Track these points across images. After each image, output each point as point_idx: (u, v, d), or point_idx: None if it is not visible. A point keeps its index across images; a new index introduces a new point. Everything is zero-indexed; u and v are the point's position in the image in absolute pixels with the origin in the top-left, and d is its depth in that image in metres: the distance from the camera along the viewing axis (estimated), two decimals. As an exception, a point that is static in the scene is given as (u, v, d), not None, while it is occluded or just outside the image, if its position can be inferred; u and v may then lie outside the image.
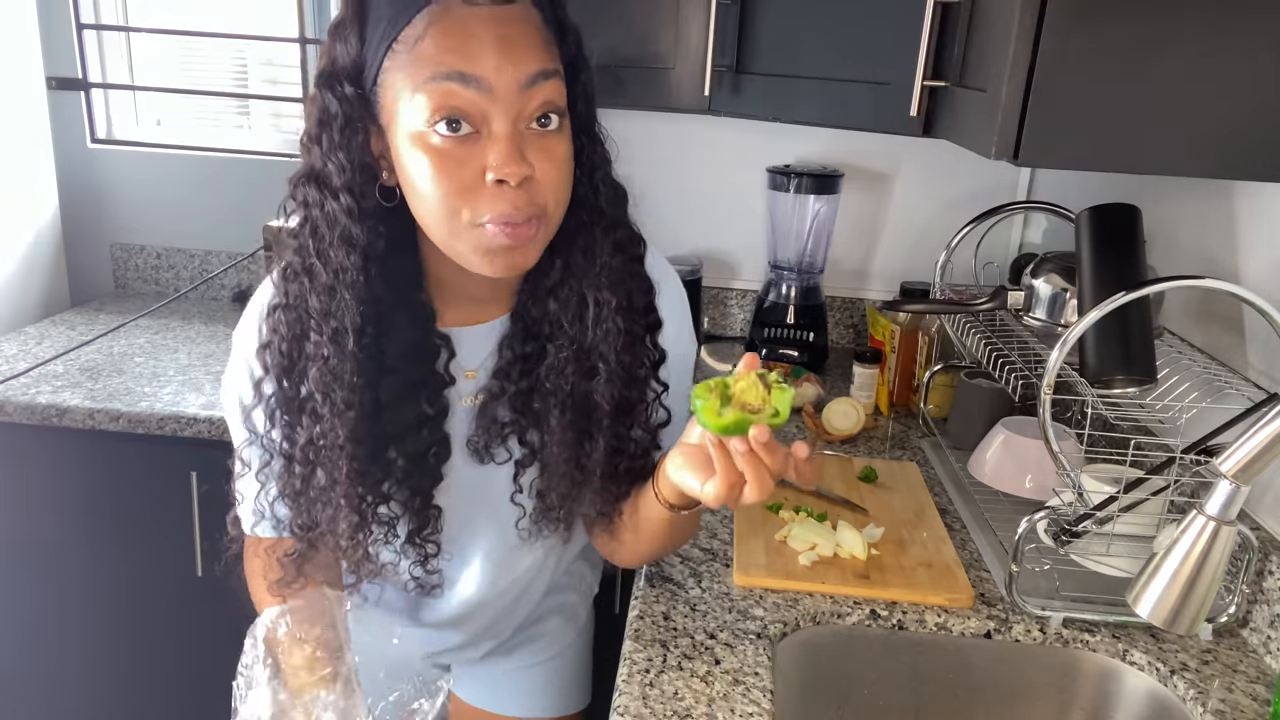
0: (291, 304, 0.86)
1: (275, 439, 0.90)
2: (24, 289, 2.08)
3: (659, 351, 0.94)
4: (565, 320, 0.90)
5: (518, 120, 0.78)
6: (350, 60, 0.79)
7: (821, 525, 1.23)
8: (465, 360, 0.94)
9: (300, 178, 0.83)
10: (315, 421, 0.87)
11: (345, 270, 0.82)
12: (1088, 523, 1.08)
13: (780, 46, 1.53)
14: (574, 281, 0.89)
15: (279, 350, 0.87)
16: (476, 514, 1.01)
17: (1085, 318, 1.01)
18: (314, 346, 0.85)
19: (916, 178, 2.03)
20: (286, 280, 0.86)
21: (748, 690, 0.95)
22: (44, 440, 1.66)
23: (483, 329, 0.95)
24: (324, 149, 0.80)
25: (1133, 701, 1.06)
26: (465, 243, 0.80)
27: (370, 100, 0.80)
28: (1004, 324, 1.37)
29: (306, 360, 0.86)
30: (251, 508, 0.97)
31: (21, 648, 1.80)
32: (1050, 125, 0.92)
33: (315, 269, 0.83)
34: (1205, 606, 0.78)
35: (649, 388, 0.94)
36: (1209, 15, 0.87)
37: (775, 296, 1.96)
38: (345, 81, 0.79)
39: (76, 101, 2.18)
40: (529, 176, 0.78)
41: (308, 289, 0.84)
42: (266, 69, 2.27)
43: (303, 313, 0.85)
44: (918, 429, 1.66)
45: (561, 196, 0.83)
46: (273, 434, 0.90)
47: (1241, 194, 1.24)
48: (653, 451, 0.96)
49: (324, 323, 0.84)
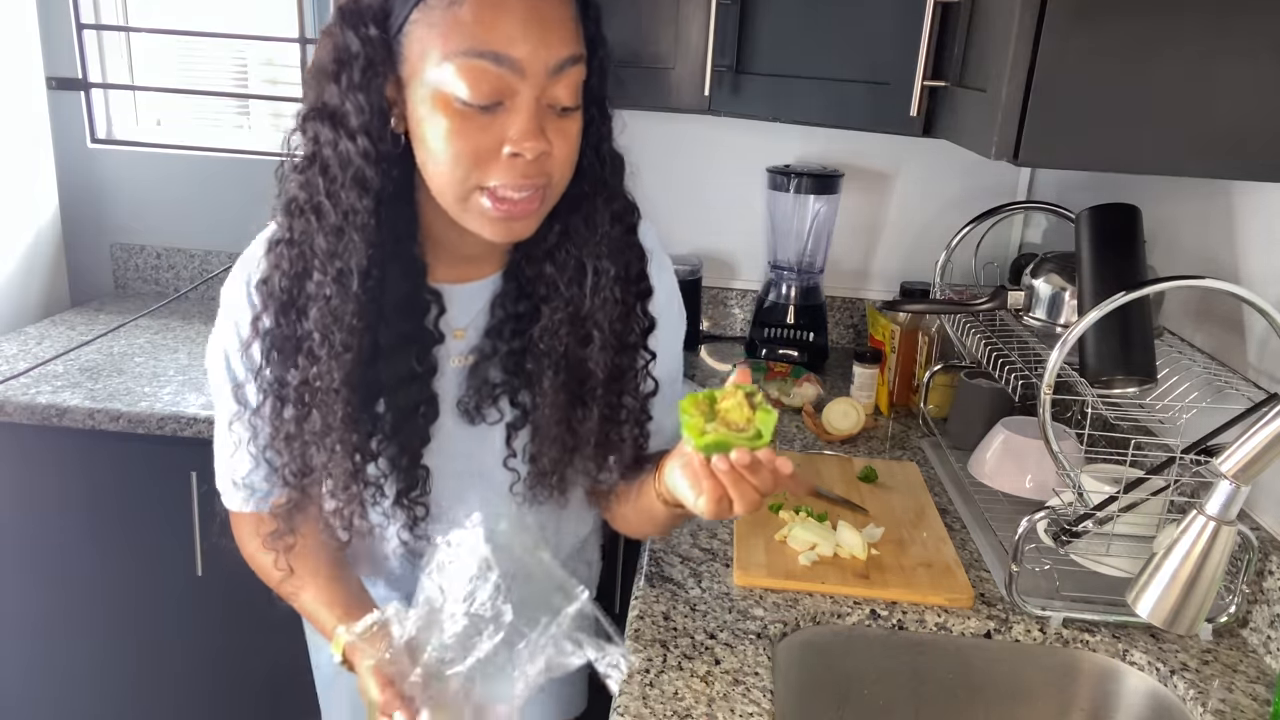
0: (296, 240, 0.84)
1: (269, 377, 0.88)
2: (24, 289, 2.08)
3: (649, 319, 0.95)
4: (561, 283, 0.90)
5: (540, 99, 0.79)
6: (378, 2, 0.78)
7: (821, 525, 1.23)
8: (454, 318, 0.93)
9: (311, 113, 0.81)
10: (312, 362, 0.85)
11: (356, 213, 0.81)
12: (1088, 523, 1.08)
13: (780, 46, 1.53)
14: (572, 247, 0.89)
15: (279, 286, 0.85)
16: (468, 480, 0.99)
17: (1085, 318, 1.01)
18: (316, 286, 0.84)
19: (916, 178, 2.03)
20: (291, 216, 0.84)
21: (748, 690, 0.95)
22: (44, 440, 1.66)
23: (474, 286, 0.94)
24: (342, 87, 0.79)
25: (1133, 701, 1.06)
26: (469, 205, 0.81)
27: (392, 47, 0.79)
28: (1004, 324, 1.37)
29: (307, 299, 0.85)
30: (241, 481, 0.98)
31: (23, 647, 1.80)
32: (1050, 125, 0.92)
33: (324, 208, 0.82)
34: (1205, 606, 0.78)
35: (639, 354, 0.95)
36: (1209, 15, 0.87)
37: (775, 296, 1.96)
38: (370, 22, 0.78)
39: (76, 101, 2.18)
40: (545, 152, 0.79)
41: (314, 228, 0.83)
42: (266, 69, 2.27)
43: (307, 250, 0.84)
44: (918, 429, 1.66)
45: (568, 172, 0.84)
46: (266, 372, 0.88)
47: (1241, 194, 1.24)
48: (644, 421, 0.96)
49: (329, 263, 0.82)
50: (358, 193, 0.80)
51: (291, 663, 1.77)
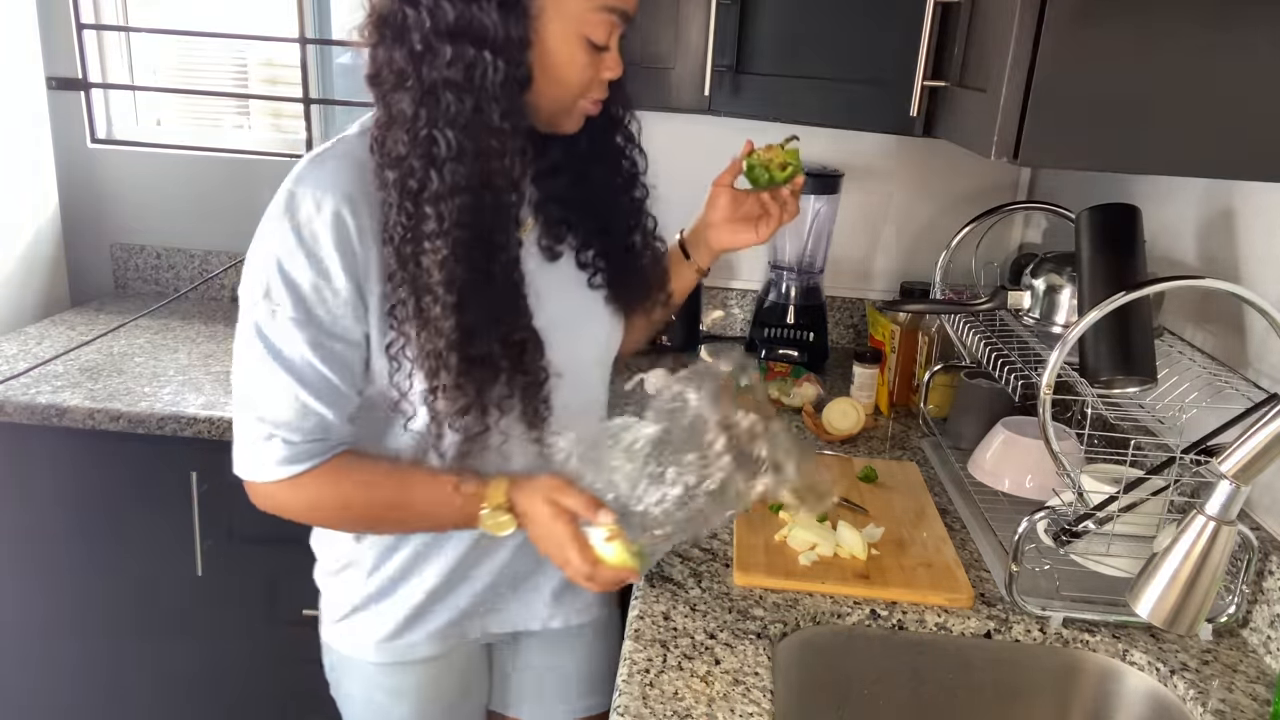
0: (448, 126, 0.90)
1: (425, 267, 0.91)
2: (24, 289, 2.08)
3: (641, 163, 1.15)
4: (584, 145, 1.07)
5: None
6: None
7: (821, 525, 1.23)
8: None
9: (454, 30, 0.87)
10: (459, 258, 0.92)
11: (510, 117, 0.91)
12: (1088, 523, 1.08)
13: (780, 46, 1.53)
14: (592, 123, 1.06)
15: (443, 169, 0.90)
16: (564, 328, 1.05)
17: (1085, 318, 1.01)
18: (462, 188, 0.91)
19: (916, 178, 2.03)
20: (441, 125, 0.89)
21: (748, 690, 0.95)
22: (44, 440, 1.66)
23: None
24: (497, 16, 0.88)
25: (1133, 701, 1.06)
26: (573, 110, 1.00)
27: None
28: (1004, 324, 1.37)
29: (448, 188, 0.90)
30: (311, 431, 0.95)
31: (23, 647, 1.80)
32: (1050, 125, 0.92)
33: (483, 117, 0.90)
34: (1205, 606, 0.78)
35: (640, 187, 1.15)
36: (1209, 15, 0.87)
37: (775, 296, 1.96)
38: None
39: (76, 101, 2.18)
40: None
41: (467, 131, 0.90)
42: (266, 69, 2.27)
43: (462, 148, 0.90)
44: (918, 429, 1.66)
45: None
46: (422, 260, 0.91)
47: (1242, 194, 1.24)
48: (658, 238, 1.19)
49: (484, 164, 0.91)
50: (510, 103, 0.91)
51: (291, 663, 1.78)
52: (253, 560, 1.70)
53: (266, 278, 0.93)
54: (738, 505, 0.94)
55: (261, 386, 0.94)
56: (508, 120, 0.91)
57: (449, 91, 0.88)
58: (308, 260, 0.91)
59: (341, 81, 2.27)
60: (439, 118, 0.89)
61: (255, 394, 0.95)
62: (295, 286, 0.92)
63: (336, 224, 0.91)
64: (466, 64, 0.88)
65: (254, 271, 0.94)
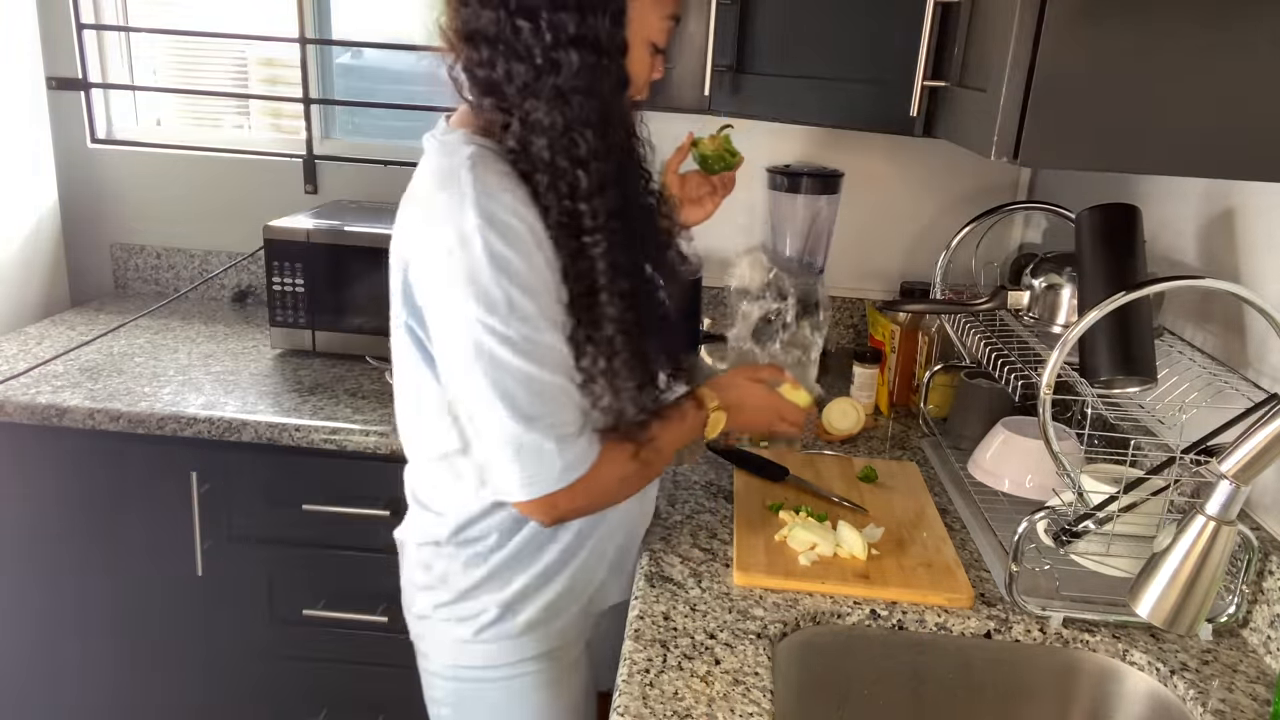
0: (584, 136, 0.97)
1: (591, 258, 0.98)
2: (24, 289, 2.08)
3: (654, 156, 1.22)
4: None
5: None
6: None
7: (821, 525, 1.23)
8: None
9: (576, 40, 0.94)
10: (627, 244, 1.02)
11: (625, 115, 1.04)
12: (1088, 523, 1.08)
13: (780, 46, 1.53)
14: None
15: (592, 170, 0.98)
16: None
17: (1085, 318, 1.01)
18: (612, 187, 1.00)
19: (916, 178, 2.03)
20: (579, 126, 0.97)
21: (748, 690, 0.95)
22: (44, 440, 1.66)
23: None
24: (609, 26, 0.96)
25: (1133, 701, 1.06)
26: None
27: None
28: (1004, 324, 1.37)
29: (595, 185, 0.98)
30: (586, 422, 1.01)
31: (22, 647, 1.80)
32: (1050, 125, 0.92)
33: (613, 114, 1.00)
34: (1205, 606, 0.78)
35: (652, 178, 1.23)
36: (1209, 15, 0.87)
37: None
38: None
39: (76, 101, 2.18)
40: None
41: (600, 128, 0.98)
42: (266, 69, 2.28)
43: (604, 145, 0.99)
44: (918, 429, 1.66)
45: None
46: (588, 253, 0.98)
47: (1242, 194, 1.24)
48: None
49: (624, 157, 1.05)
50: (622, 102, 1.02)
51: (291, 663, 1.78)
52: (253, 560, 1.70)
53: (491, 292, 0.93)
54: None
55: (533, 394, 0.96)
56: (625, 118, 1.04)
57: (577, 96, 0.95)
58: (525, 263, 0.94)
59: (341, 81, 2.27)
60: (574, 120, 0.96)
61: (526, 403, 0.96)
62: (525, 289, 0.94)
63: (531, 228, 0.95)
64: (590, 70, 0.96)
65: (469, 294, 0.94)
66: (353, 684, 1.77)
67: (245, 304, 2.22)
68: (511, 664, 1.15)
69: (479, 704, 1.18)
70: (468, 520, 1.09)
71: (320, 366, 1.87)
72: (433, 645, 1.17)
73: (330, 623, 1.72)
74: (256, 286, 2.24)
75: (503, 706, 1.17)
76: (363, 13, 2.20)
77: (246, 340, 1.99)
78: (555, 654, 1.17)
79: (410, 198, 1.03)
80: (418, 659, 1.21)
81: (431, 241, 0.95)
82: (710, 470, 1.45)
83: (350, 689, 1.78)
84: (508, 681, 1.16)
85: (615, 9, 0.97)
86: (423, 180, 1.00)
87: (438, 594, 1.14)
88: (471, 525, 1.09)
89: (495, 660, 1.14)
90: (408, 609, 1.20)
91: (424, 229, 0.97)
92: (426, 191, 0.98)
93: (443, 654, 1.16)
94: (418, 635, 1.19)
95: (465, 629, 1.13)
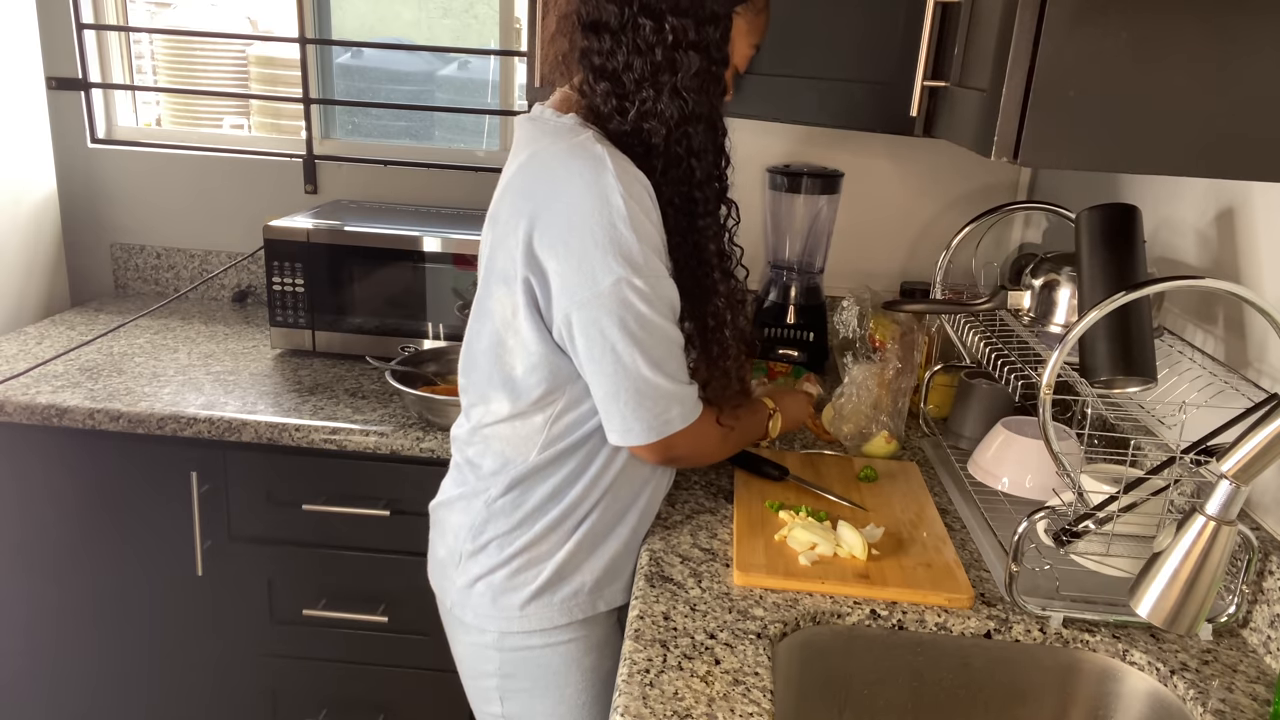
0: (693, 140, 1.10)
1: (701, 241, 1.13)
2: (24, 289, 2.08)
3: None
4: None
5: None
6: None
7: (821, 525, 1.23)
8: None
9: (694, 45, 1.05)
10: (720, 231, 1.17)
11: (722, 120, 1.16)
12: (1088, 523, 1.08)
13: (780, 46, 1.53)
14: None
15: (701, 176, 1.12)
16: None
17: (1085, 318, 1.01)
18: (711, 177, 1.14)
19: (916, 178, 2.03)
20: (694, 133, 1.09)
21: (748, 690, 0.95)
22: (44, 440, 1.66)
23: None
24: (719, 39, 1.08)
25: (1133, 701, 1.06)
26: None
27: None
28: (1004, 324, 1.37)
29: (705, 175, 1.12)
30: (690, 387, 1.12)
31: (21, 647, 1.80)
32: (1050, 125, 0.92)
33: (717, 123, 1.14)
34: (1205, 606, 0.78)
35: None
36: (1209, 15, 0.87)
37: (775, 296, 1.96)
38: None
39: (76, 101, 2.18)
40: None
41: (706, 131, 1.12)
42: (266, 69, 2.28)
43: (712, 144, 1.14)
44: (918, 429, 1.66)
45: None
46: (697, 237, 1.12)
47: (1241, 194, 1.24)
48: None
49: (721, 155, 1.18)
50: (722, 107, 1.14)
51: (291, 662, 1.78)
52: (253, 560, 1.70)
53: (630, 247, 1.02)
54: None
55: (658, 340, 1.07)
56: (722, 123, 1.15)
57: (691, 94, 1.06)
58: (652, 226, 1.05)
59: (341, 81, 2.27)
60: (690, 116, 1.06)
61: (655, 351, 1.07)
62: (654, 249, 1.05)
63: (653, 198, 1.06)
64: (703, 74, 1.06)
65: (611, 249, 1.02)
66: (353, 684, 1.77)
67: (245, 304, 2.22)
68: (561, 627, 1.17)
69: (532, 669, 1.19)
70: (523, 475, 1.14)
71: (320, 366, 1.87)
72: (481, 615, 1.18)
73: (330, 623, 1.72)
74: (256, 286, 2.24)
75: (556, 670, 1.19)
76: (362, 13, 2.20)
77: (246, 340, 1.99)
78: (607, 618, 1.21)
79: (523, 168, 1.10)
80: (460, 635, 1.22)
81: (570, 200, 1.02)
82: (710, 470, 1.45)
83: (350, 689, 1.78)
84: (564, 645, 1.18)
85: (725, 26, 1.08)
86: (543, 149, 1.08)
87: (489, 557, 1.16)
88: (527, 482, 1.14)
89: (548, 624, 1.16)
90: (449, 581, 1.21)
91: (560, 188, 1.04)
92: (556, 159, 1.06)
93: (493, 622, 1.17)
94: (462, 607, 1.19)
95: (517, 595, 1.15)
